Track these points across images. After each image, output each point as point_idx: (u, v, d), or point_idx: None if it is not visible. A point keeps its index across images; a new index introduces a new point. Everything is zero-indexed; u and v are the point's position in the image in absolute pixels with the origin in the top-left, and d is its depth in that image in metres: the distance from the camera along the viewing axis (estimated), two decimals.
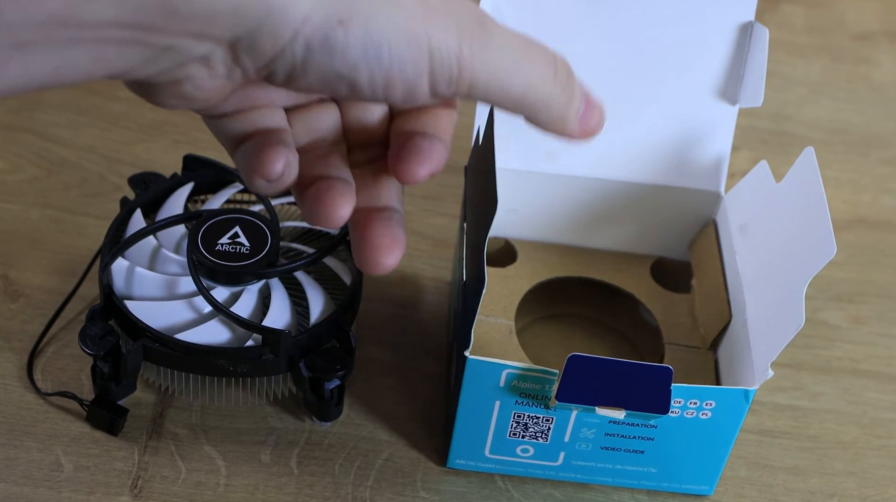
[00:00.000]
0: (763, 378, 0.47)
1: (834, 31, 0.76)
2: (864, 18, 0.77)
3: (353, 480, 0.52)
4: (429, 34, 0.38)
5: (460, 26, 0.38)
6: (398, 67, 0.38)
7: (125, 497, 0.50)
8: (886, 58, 0.75)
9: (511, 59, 0.39)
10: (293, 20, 0.36)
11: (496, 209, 0.45)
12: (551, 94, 0.41)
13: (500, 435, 0.50)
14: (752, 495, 0.54)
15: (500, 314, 0.55)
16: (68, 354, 0.55)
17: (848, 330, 0.61)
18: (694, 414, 0.49)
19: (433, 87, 0.39)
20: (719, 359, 0.54)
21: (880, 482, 0.55)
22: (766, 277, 0.51)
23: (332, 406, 0.52)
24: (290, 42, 0.37)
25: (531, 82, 0.40)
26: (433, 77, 0.38)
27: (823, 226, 0.46)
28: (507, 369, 0.48)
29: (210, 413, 0.54)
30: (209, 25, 0.36)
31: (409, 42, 0.37)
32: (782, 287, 0.49)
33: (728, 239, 0.55)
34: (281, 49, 0.37)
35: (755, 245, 0.53)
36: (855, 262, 0.64)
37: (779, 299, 0.49)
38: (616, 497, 0.53)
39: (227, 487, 0.51)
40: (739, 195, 0.56)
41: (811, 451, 0.55)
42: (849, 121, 0.71)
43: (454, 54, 0.38)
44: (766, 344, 0.49)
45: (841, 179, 0.68)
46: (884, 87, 0.73)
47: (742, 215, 0.55)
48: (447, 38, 0.38)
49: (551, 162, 0.56)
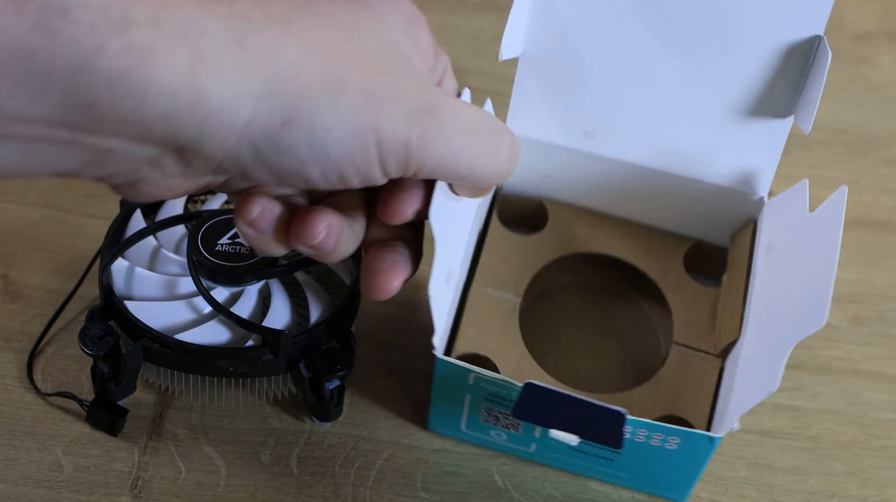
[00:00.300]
0: (729, 429, 0.46)
1: (833, 31, 0.76)
2: (863, 19, 0.77)
3: (352, 480, 0.52)
4: (376, 127, 0.38)
5: (409, 115, 0.38)
6: (347, 160, 0.38)
7: (125, 497, 0.50)
8: (886, 58, 0.74)
9: (460, 143, 0.40)
10: (234, 125, 0.36)
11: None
12: (495, 173, 0.42)
13: (474, 419, 0.51)
14: (752, 495, 0.54)
15: (509, 288, 0.54)
16: (68, 354, 0.55)
17: (848, 330, 0.61)
18: (659, 443, 0.48)
19: (385, 172, 0.39)
20: (725, 370, 0.53)
21: (880, 482, 0.55)
22: (765, 322, 0.50)
23: (332, 406, 0.52)
24: (236, 145, 0.37)
25: (478, 164, 0.41)
26: (384, 165, 0.39)
27: (822, 293, 0.45)
28: (473, 373, 0.48)
29: (210, 413, 0.54)
30: (146, 131, 0.35)
31: (356, 136, 0.37)
32: (770, 344, 0.48)
33: (758, 250, 0.54)
34: (228, 152, 0.37)
35: (772, 271, 0.52)
36: (855, 263, 0.64)
37: (763, 356, 0.48)
38: (616, 496, 0.53)
39: (226, 487, 0.51)
40: (778, 207, 0.54)
41: (811, 452, 0.55)
42: (848, 121, 0.71)
43: (402, 144, 0.38)
44: (742, 395, 0.48)
45: (841, 180, 0.68)
46: (883, 87, 0.73)
47: (772, 232, 0.54)
48: (395, 128, 0.38)
49: (589, 141, 0.55)
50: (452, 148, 0.39)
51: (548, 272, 0.56)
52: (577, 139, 0.55)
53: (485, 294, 0.53)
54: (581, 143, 0.55)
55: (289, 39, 0.37)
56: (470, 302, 0.53)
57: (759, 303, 0.51)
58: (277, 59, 0.36)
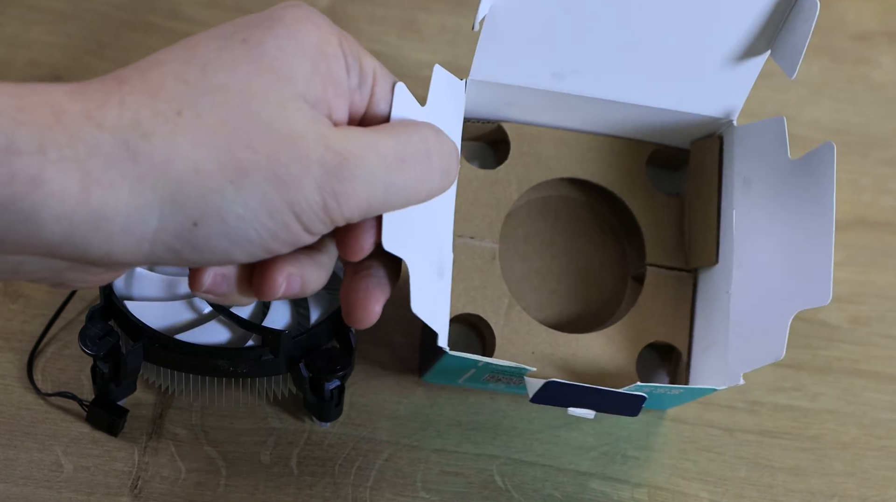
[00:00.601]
0: (734, 382, 0.48)
1: (833, 31, 0.76)
2: (863, 19, 0.77)
3: (353, 480, 0.52)
4: (289, 202, 0.37)
5: (320, 182, 0.38)
6: (270, 238, 0.38)
7: (125, 497, 0.50)
8: (886, 58, 0.74)
9: (383, 183, 0.39)
10: (143, 235, 0.36)
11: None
12: (432, 192, 0.42)
13: (475, 380, 0.52)
14: (752, 495, 0.54)
15: (485, 233, 0.53)
16: (68, 354, 0.55)
17: (848, 330, 0.61)
18: (664, 391, 0.50)
19: (314, 234, 0.39)
20: (698, 286, 0.54)
21: (880, 482, 0.55)
22: (757, 276, 0.51)
23: (332, 406, 0.52)
24: (152, 250, 0.36)
25: (410, 193, 0.40)
26: (309, 229, 0.39)
27: (824, 269, 0.46)
28: (482, 362, 0.49)
29: (210, 413, 0.54)
30: (52, 251, 0.35)
31: (271, 217, 0.37)
32: (768, 313, 0.48)
33: (731, 179, 0.53)
34: (145, 258, 0.37)
35: (756, 215, 0.52)
36: (855, 263, 0.64)
37: (762, 323, 0.49)
38: (616, 496, 0.53)
39: (226, 487, 0.51)
40: (750, 136, 0.53)
41: (811, 452, 0.55)
42: (848, 121, 0.71)
43: (320, 209, 0.38)
44: (744, 351, 0.49)
45: (841, 180, 0.68)
46: (884, 87, 0.73)
47: (747, 165, 0.53)
48: (308, 197, 0.38)
49: (558, 81, 0.54)
50: (375, 192, 0.39)
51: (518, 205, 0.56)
52: (546, 80, 0.54)
53: (463, 244, 0.53)
54: (550, 84, 0.54)
55: (182, 136, 0.36)
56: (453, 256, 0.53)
57: (745, 248, 0.52)
58: (173, 162, 0.36)
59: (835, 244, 0.65)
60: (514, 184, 0.55)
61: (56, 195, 0.34)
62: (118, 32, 0.68)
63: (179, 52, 0.38)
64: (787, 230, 0.50)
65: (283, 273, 0.41)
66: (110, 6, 0.69)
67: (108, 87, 0.36)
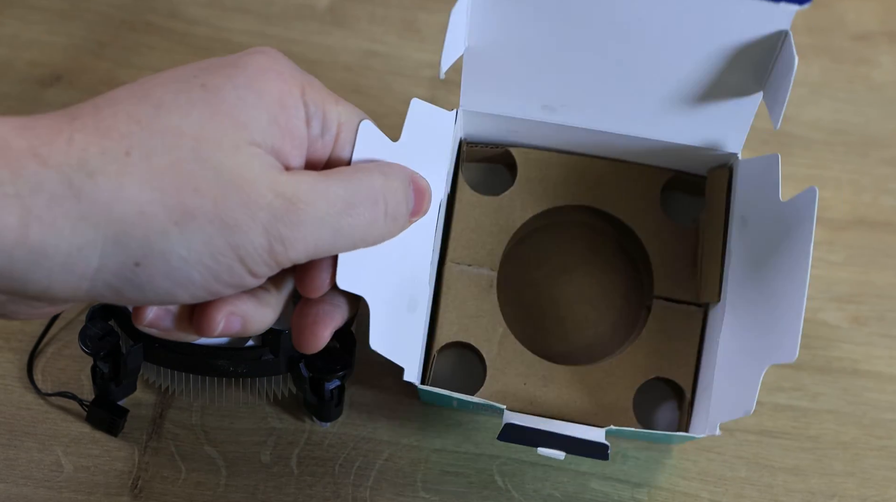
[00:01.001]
0: (712, 432, 0.47)
1: (833, 31, 0.76)
2: (863, 19, 0.77)
3: (353, 480, 0.52)
4: (233, 246, 0.37)
5: (266, 226, 0.38)
6: (213, 279, 0.38)
7: (125, 497, 0.50)
8: (886, 58, 0.74)
9: (331, 227, 0.39)
10: (84, 273, 0.36)
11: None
12: (380, 234, 0.42)
13: (464, 406, 0.52)
14: (752, 495, 0.54)
15: (484, 261, 0.53)
16: (68, 354, 0.55)
17: (848, 330, 0.61)
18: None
19: (258, 277, 0.39)
20: (707, 322, 0.53)
21: (880, 482, 0.55)
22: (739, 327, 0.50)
23: (332, 406, 0.52)
24: (92, 287, 0.36)
25: (359, 236, 0.41)
26: (253, 272, 0.39)
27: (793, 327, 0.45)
28: (456, 399, 0.48)
29: (210, 413, 0.54)
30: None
31: (215, 258, 0.37)
32: (744, 361, 0.48)
33: (733, 215, 0.52)
34: (85, 293, 0.37)
35: (748, 255, 0.51)
36: (855, 263, 0.64)
37: (740, 371, 0.48)
38: (616, 496, 0.53)
39: (227, 487, 0.51)
40: (750, 174, 0.52)
41: (811, 452, 0.55)
42: (849, 121, 0.71)
43: (265, 252, 0.38)
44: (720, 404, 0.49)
45: (841, 180, 0.68)
46: (884, 87, 0.73)
47: (745, 205, 0.52)
48: (253, 242, 0.38)
49: (550, 113, 0.53)
50: (322, 236, 0.39)
51: (521, 232, 0.54)
52: (537, 112, 0.53)
53: (460, 271, 0.52)
54: (541, 116, 0.53)
55: (129, 177, 0.36)
56: (446, 282, 0.52)
57: (737, 291, 0.51)
58: (118, 203, 0.36)
59: (835, 244, 0.65)
60: (518, 210, 0.54)
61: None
62: (118, 32, 0.68)
63: (137, 89, 0.38)
64: (771, 276, 0.49)
65: (223, 312, 0.42)
66: (110, 6, 0.69)
67: (59, 124, 0.36)
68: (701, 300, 0.53)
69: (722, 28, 0.49)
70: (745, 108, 0.52)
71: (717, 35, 0.49)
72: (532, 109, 0.53)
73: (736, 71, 0.50)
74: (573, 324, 0.55)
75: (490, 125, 0.54)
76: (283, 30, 0.70)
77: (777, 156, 0.51)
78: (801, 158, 0.69)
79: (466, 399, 0.48)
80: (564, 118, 0.53)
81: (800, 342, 0.45)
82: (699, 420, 0.51)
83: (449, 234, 0.53)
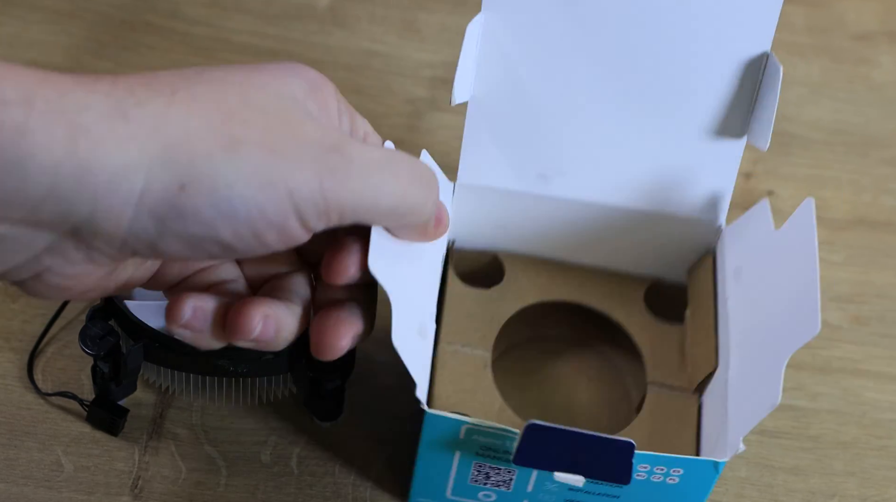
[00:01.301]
0: (734, 452, 0.46)
1: (834, 31, 0.76)
2: (864, 18, 0.77)
3: (353, 480, 0.52)
4: (283, 177, 0.36)
5: (316, 160, 0.37)
6: (258, 216, 0.36)
7: (125, 497, 0.50)
8: (886, 58, 0.74)
9: (377, 178, 0.39)
10: (129, 197, 0.35)
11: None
12: (418, 202, 0.41)
13: (462, 480, 0.49)
14: (752, 495, 0.54)
15: (477, 343, 0.53)
16: (68, 354, 0.55)
17: (848, 330, 0.61)
18: (661, 478, 0.47)
19: (305, 225, 0.38)
20: (704, 405, 0.52)
21: (881, 482, 0.55)
22: (751, 340, 0.49)
23: (332, 406, 0.52)
24: (135, 218, 0.35)
25: (399, 196, 0.40)
26: (301, 216, 0.37)
27: (811, 299, 0.45)
28: (466, 425, 0.46)
29: (210, 413, 0.54)
30: (34, 212, 0.34)
31: (263, 190, 0.36)
32: (763, 359, 0.47)
33: (723, 278, 0.53)
34: (128, 227, 0.36)
35: (746, 296, 0.51)
36: (855, 263, 0.64)
37: (758, 371, 0.47)
38: None
39: (227, 487, 0.51)
40: (739, 231, 0.53)
41: (811, 451, 0.55)
42: (849, 121, 0.71)
43: (316, 190, 0.37)
44: (741, 416, 0.47)
45: (841, 179, 0.68)
46: (884, 87, 0.73)
47: (738, 257, 0.53)
48: (304, 175, 0.37)
49: (544, 184, 0.54)
50: (369, 184, 0.38)
51: (512, 324, 0.55)
52: (532, 183, 0.54)
53: (454, 351, 0.52)
54: (536, 187, 0.54)
55: (175, 108, 0.36)
56: (440, 360, 0.52)
57: (739, 327, 0.50)
58: (165, 126, 0.35)
59: (835, 244, 0.65)
60: (508, 302, 0.54)
61: (42, 145, 0.33)
62: (118, 32, 0.68)
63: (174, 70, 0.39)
64: (777, 279, 0.49)
65: (260, 313, 0.41)
66: (110, 6, 0.70)
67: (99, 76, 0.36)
68: (693, 386, 0.52)
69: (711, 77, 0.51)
70: (732, 158, 0.53)
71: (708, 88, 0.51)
72: (529, 179, 0.54)
73: (724, 119, 0.52)
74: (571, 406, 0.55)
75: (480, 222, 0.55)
76: (283, 30, 0.71)
77: (766, 202, 0.52)
78: (801, 158, 0.69)
79: (483, 425, 0.46)
80: (558, 189, 0.54)
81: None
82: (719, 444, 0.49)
83: (441, 321, 0.53)
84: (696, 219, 0.54)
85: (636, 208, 0.55)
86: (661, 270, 0.56)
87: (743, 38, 0.50)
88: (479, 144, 0.53)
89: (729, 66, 0.51)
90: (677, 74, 0.51)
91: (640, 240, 0.55)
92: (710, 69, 0.51)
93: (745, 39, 0.50)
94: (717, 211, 0.54)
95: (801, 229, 0.48)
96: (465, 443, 0.47)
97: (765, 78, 0.51)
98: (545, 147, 0.53)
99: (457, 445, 0.47)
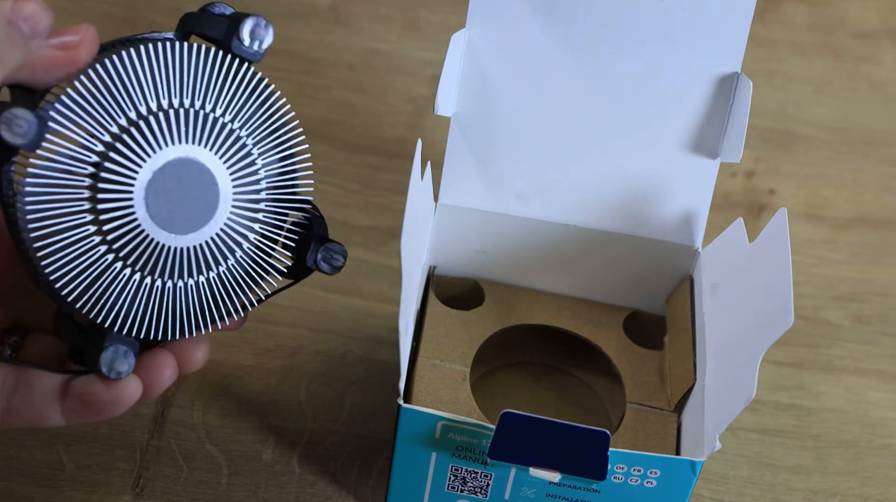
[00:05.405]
0: (711, 449, 0.45)
1: (836, 29, 0.76)
2: (865, 17, 0.77)
3: (354, 479, 0.52)
4: None
5: None
6: None
7: (127, 496, 0.50)
8: (888, 56, 0.74)
9: None
10: None
11: None
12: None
13: (438, 488, 0.49)
14: (753, 494, 0.54)
15: (456, 360, 0.53)
16: None
17: (850, 329, 0.61)
18: (638, 481, 0.46)
19: None
20: (683, 423, 0.52)
21: (882, 481, 0.55)
22: (727, 344, 0.49)
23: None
24: None
25: None
26: None
27: (784, 294, 0.45)
28: (441, 420, 0.46)
29: (212, 412, 0.54)
30: None
31: None
32: (738, 356, 0.47)
33: (700, 297, 0.53)
34: None
35: (723, 307, 0.51)
36: (857, 261, 0.64)
37: (734, 368, 0.47)
38: None
39: (228, 486, 0.51)
40: (715, 252, 0.53)
41: (813, 450, 0.55)
42: (850, 119, 0.71)
43: None
44: (717, 413, 0.47)
45: (843, 178, 0.68)
46: (885, 85, 0.73)
47: (715, 274, 0.53)
48: None
49: (523, 205, 0.55)
50: None
51: (491, 344, 0.55)
52: (511, 205, 0.55)
53: (433, 365, 0.52)
54: (515, 209, 0.55)
55: None
56: (419, 373, 0.52)
57: (715, 336, 0.50)
58: None
59: (837, 242, 0.65)
60: (488, 324, 0.55)
61: None
62: (120, 31, 0.68)
63: None
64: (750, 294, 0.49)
65: None
66: (113, 4, 0.70)
67: None
68: (672, 406, 0.52)
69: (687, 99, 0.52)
70: (707, 179, 0.53)
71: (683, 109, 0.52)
72: (507, 200, 0.55)
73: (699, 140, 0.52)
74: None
75: (460, 247, 0.56)
76: (286, 28, 0.71)
77: (740, 221, 0.52)
78: (802, 157, 0.69)
79: (459, 420, 0.46)
80: (536, 210, 0.55)
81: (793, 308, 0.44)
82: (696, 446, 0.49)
83: (420, 338, 0.53)
84: (673, 244, 0.55)
85: (613, 230, 0.55)
86: (640, 300, 0.56)
87: (714, 61, 0.51)
88: (460, 163, 0.54)
89: (703, 86, 0.52)
90: (654, 96, 0.52)
91: (619, 264, 0.56)
92: (686, 91, 0.52)
93: (716, 61, 0.51)
94: (693, 233, 0.54)
95: (774, 235, 0.48)
96: (441, 442, 0.47)
97: (735, 98, 0.51)
98: (523, 167, 0.54)
99: (433, 444, 0.47)
